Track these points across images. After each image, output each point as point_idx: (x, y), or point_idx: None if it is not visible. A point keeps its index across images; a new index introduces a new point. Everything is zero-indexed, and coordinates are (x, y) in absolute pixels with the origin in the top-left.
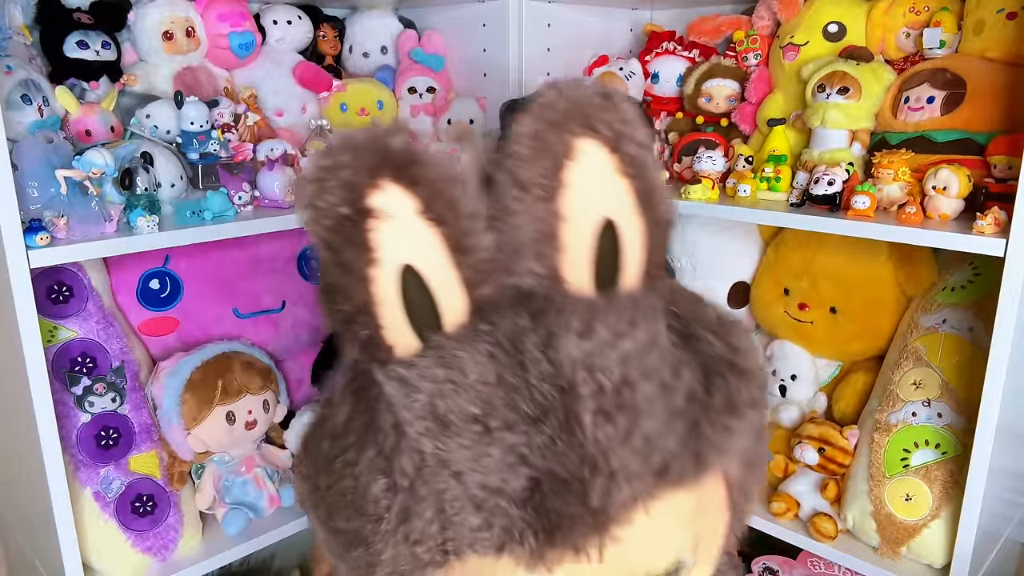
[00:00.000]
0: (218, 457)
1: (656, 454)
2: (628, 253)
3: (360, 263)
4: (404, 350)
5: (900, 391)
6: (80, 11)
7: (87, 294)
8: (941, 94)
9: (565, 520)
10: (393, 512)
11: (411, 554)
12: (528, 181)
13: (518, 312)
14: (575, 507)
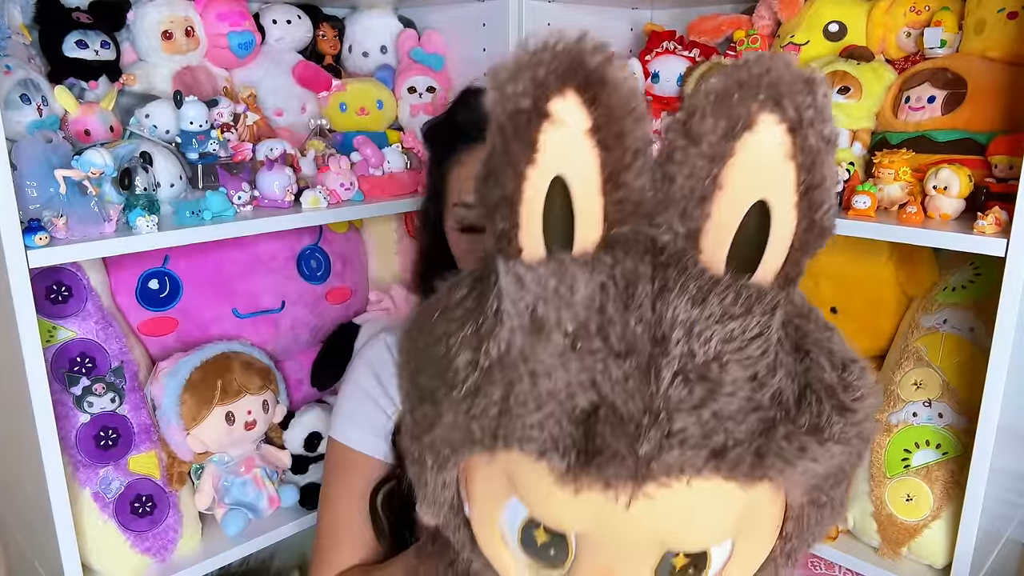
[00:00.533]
0: (217, 457)
1: (719, 435)
2: (773, 244)
3: (522, 159)
4: (529, 255)
5: (901, 391)
6: (79, 11)
7: (86, 294)
8: (942, 94)
9: (608, 453)
10: (466, 385)
11: (466, 427)
12: (699, 135)
13: (643, 259)
14: (622, 446)
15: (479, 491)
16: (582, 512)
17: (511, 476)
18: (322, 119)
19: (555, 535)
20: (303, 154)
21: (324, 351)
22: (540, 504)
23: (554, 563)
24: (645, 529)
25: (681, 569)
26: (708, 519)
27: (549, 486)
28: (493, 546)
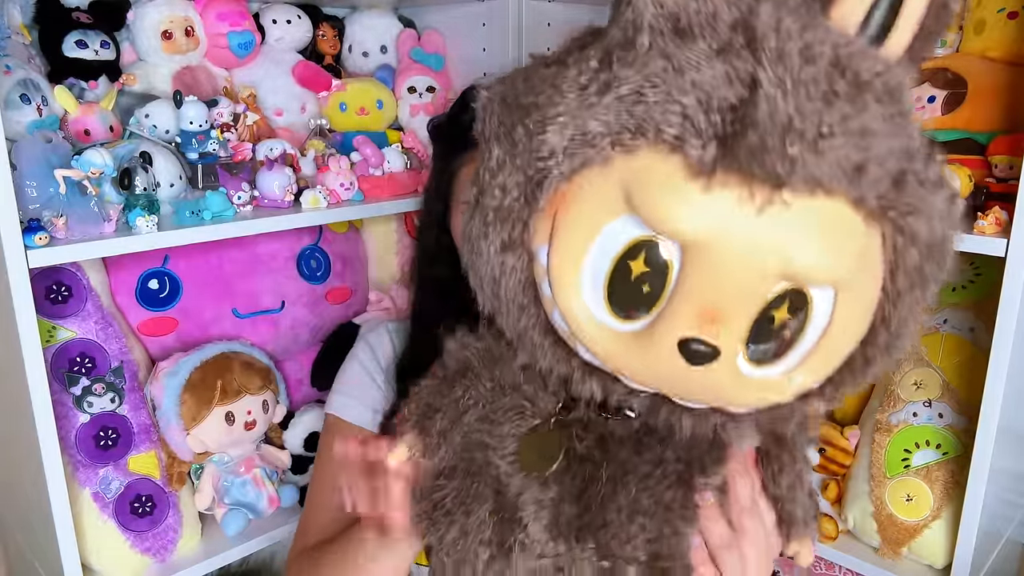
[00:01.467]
0: (217, 457)
1: (864, 151)
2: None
3: None
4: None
5: (901, 391)
6: (79, 10)
7: (86, 294)
8: (942, 94)
9: (753, 146)
10: (591, 84)
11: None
12: None
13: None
14: (769, 142)
15: (575, 215)
16: (711, 213)
17: (628, 183)
18: (322, 119)
19: (655, 265)
20: (303, 154)
21: (324, 351)
22: (665, 206)
23: (641, 304)
24: (770, 243)
25: (778, 328)
26: (831, 244)
27: (679, 182)
28: (569, 292)
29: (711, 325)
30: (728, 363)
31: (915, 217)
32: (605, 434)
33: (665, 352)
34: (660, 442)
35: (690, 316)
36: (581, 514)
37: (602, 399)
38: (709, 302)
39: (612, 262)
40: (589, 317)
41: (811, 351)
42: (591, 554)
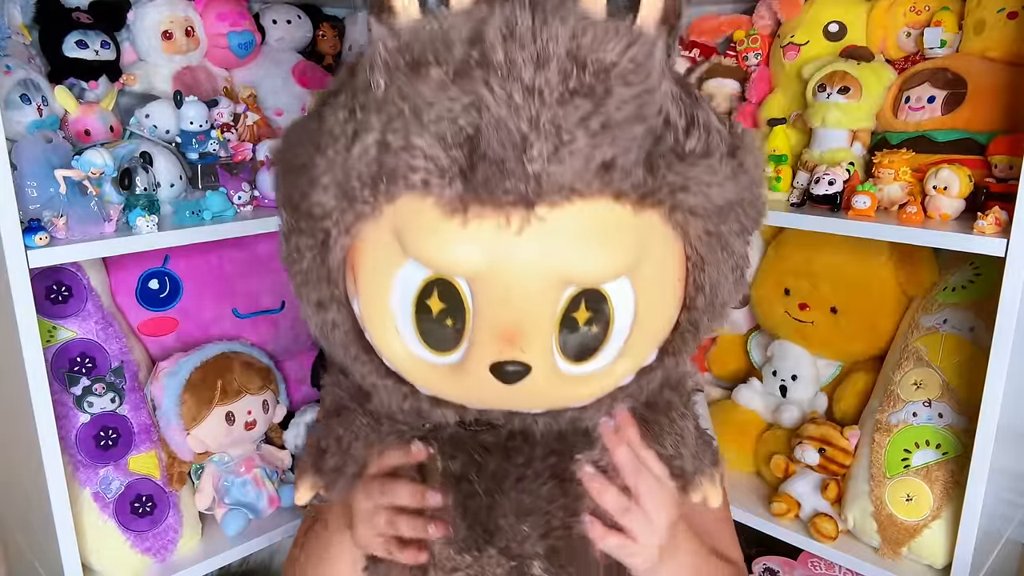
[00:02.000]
0: (217, 457)
1: (608, 146)
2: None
3: None
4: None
5: (901, 391)
6: (79, 11)
7: (86, 294)
8: (942, 94)
9: (495, 170)
10: (343, 138)
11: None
12: None
13: (523, 3)
14: (511, 160)
15: (368, 267)
16: (475, 247)
17: (399, 231)
18: None
19: (451, 300)
20: None
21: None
22: (432, 248)
23: (451, 338)
24: (540, 259)
25: (584, 325)
26: (602, 243)
27: (439, 222)
28: (386, 338)
29: (513, 345)
30: (545, 372)
31: (684, 193)
32: (473, 450)
33: (483, 379)
34: (527, 443)
35: (492, 342)
36: (472, 527)
37: (459, 420)
38: (506, 324)
39: (412, 305)
40: (412, 357)
41: (629, 336)
42: (498, 558)
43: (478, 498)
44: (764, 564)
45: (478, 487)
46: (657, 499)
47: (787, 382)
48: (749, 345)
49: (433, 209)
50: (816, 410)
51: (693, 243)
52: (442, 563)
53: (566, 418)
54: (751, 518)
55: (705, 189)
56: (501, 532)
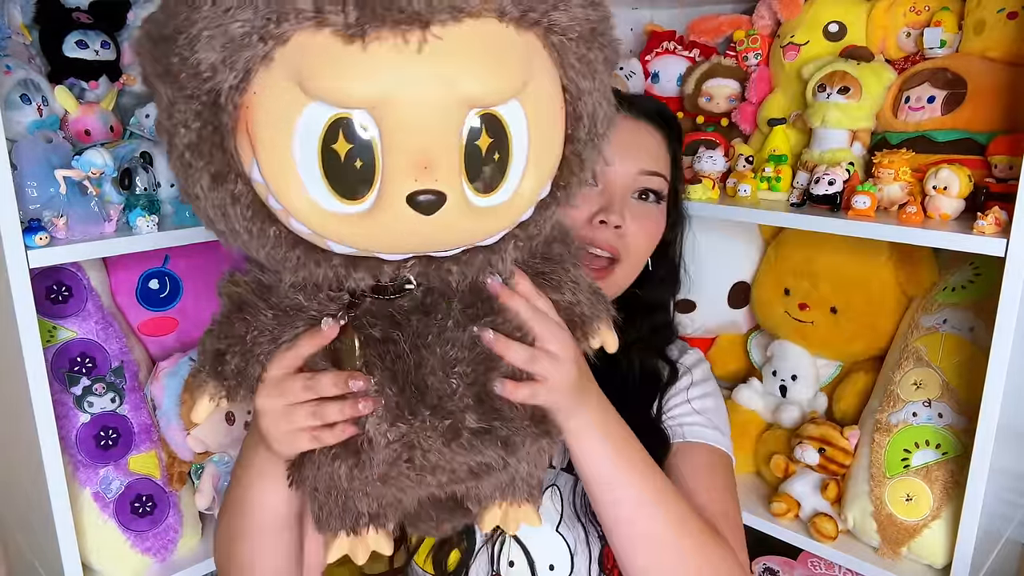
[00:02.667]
0: (218, 457)
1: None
2: None
3: None
4: None
5: (901, 391)
6: (79, 11)
7: (86, 294)
8: (942, 94)
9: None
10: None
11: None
12: None
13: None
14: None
15: (266, 120)
16: (379, 71)
17: (296, 71)
18: None
19: (357, 141)
20: None
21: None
22: (335, 78)
23: (362, 180)
24: (441, 80)
25: (487, 153)
26: (495, 62)
27: (338, 52)
28: (291, 195)
29: (426, 172)
30: (458, 201)
31: (557, 12)
32: (393, 312)
33: (400, 214)
34: (444, 298)
35: (406, 172)
36: (403, 390)
37: (376, 283)
38: (416, 153)
39: (318, 151)
40: (322, 212)
41: (526, 163)
42: (431, 421)
43: (404, 358)
44: (764, 564)
45: (404, 346)
46: (559, 339)
47: (787, 382)
48: (749, 345)
49: (330, 39)
50: (816, 410)
51: (568, 70)
52: (377, 441)
53: (476, 265)
54: (751, 518)
55: (572, 10)
56: (431, 390)
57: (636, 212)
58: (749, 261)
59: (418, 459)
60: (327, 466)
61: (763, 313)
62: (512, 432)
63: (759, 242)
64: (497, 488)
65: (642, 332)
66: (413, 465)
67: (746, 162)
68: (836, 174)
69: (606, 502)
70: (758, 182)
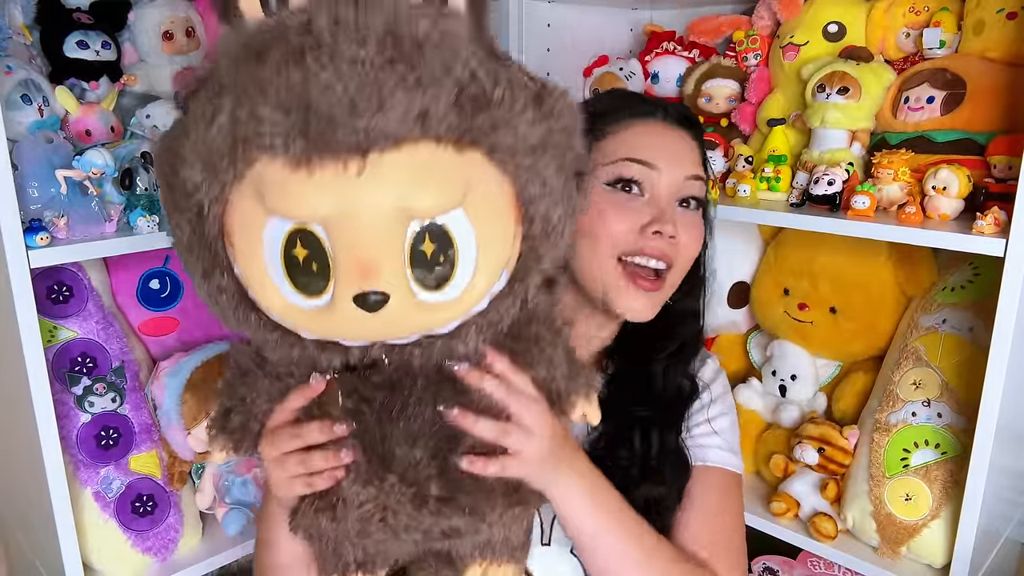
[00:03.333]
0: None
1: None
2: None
3: None
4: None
5: (900, 391)
6: (80, 11)
7: (87, 294)
8: (941, 94)
9: (329, 128)
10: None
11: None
12: None
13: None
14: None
15: (239, 229)
16: (322, 194)
17: (259, 191)
18: None
19: (312, 246)
20: None
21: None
22: (286, 200)
23: (321, 280)
24: (380, 197)
25: (432, 256)
26: (430, 179)
27: (290, 177)
28: (264, 292)
29: (369, 276)
30: (403, 299)
31: (497, 132)
32: (360, 387)
33: (350, 311)
34: (409, 376)
35: (351, 276)
36: (370, 460)
37: (345, 362)
38: (361, 259)
39: (281, 256)
40: (288, 306)
41: (476, 262)
42: (398, 486)
43: (372, 430)
44: (763, 563)
45: (370, 419)
46: (533, 413)
47: (786, 382)
48: (748, 345)
49: (283, 167)
50: (815, 410)
51: (515, 180)
52: (351, 499)
53: (437, 350)
54: (751, 518)
55: (514, 130)
56: (397, 459)
57: (683, 221)
58: (749, 261)
59: (390, 519)
60: (311, 517)
61: (763, 313)
62: (477, 501)
63: (759, 242)
64: (476, 548)
65: (672, 346)
66: (386, 524)
67: (746, 162)
68: (835, 174)
69: (594, 560)
70: (758, 182)
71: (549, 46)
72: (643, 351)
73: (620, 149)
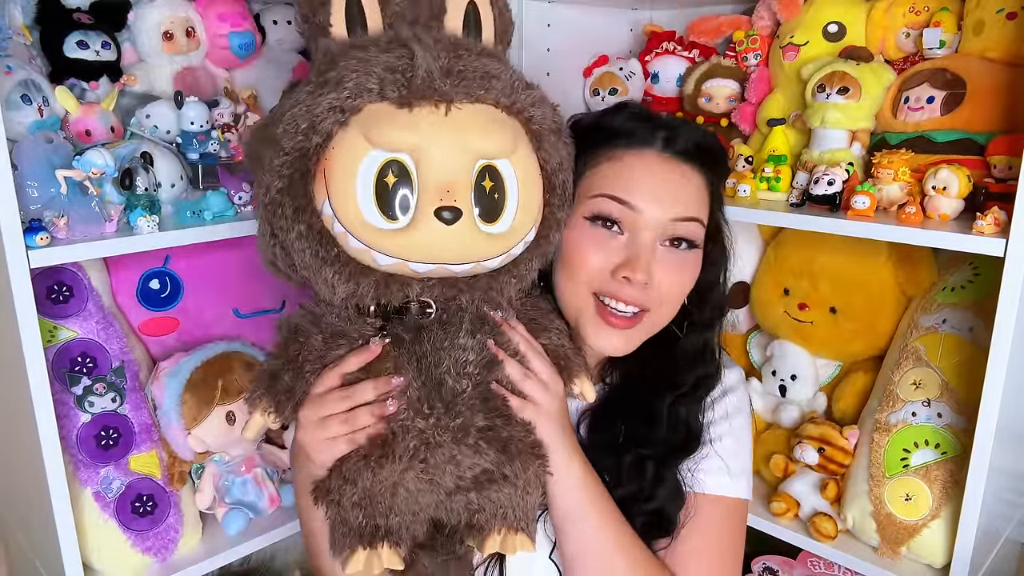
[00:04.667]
0: (218, 457)
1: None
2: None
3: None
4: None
5: (900, 391)
6: (80, 11)
7: (87, 294)
8: (941, 94)
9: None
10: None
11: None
12: None
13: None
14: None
15: (339, 163)
16: (418, 127)
17: (364, 129)
18: None
19: (401, 173)
20: None
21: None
22: (391, 131)
23: (402, 204)
24: (459, 136)
25: (490, 192)
26: (496, 130)
27: (393, 115)
28: (350, 215)
29: (449, 195)
30: (468, 220)
31: (532, 108)
32: (418, 324)
33: (429, 224)
34: (458, 316)
35: (435, 194)
36: (425, 383)
37: (405, 302)
38: (442, 183)
39: (373, 183)
40: (373, 229)
41: (517, 205)
42: (444, 420)
43: (428, 356)
44: (763, 563)
45: (427, 346)
46: (548, 372)
47: (786, 382)
48: (748, 345)
49: (389, 108)
50: (815, 410)
51: (543, 152)
52: (402, 434)
53: (480, 288)
54: (751, 518)
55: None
56: (447, 387)
57: (666, 262)
58: (748, 261)
59: (431, 458)
60: (354, 469)
61: (762, 313)
62: (511, 435)
63: (759, 242)
64: (496, 514)
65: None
66: (427, 465)
67: (746, 162)
68: (835, 174)
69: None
70: (757, 182)
71: (549, 46)
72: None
73: (604, 183)
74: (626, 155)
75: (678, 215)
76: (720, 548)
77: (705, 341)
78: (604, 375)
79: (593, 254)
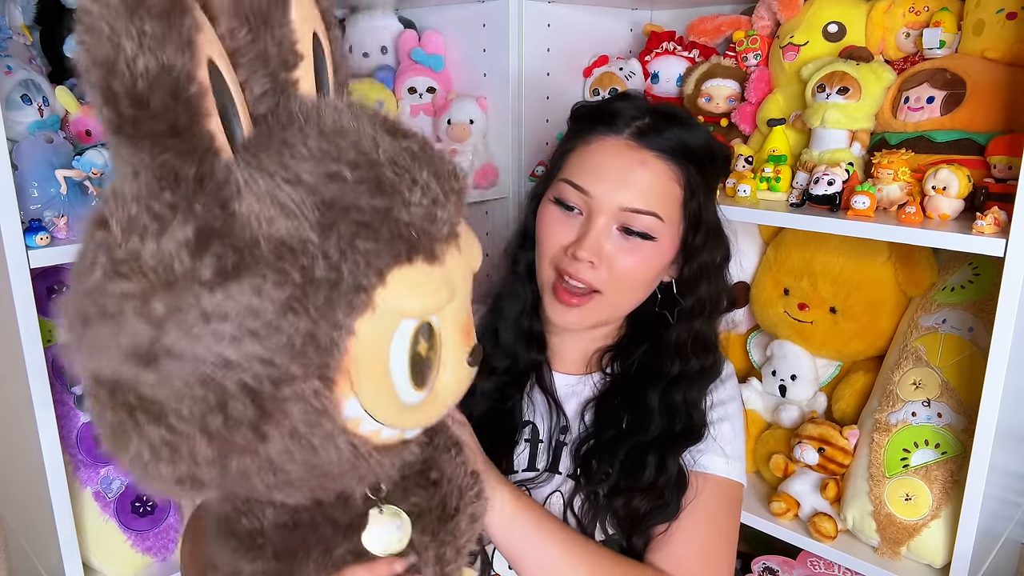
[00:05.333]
0: None
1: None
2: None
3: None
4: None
5: (900, 391)
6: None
7: None
8: (941, 94)
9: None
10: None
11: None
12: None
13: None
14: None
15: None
16: (452, 276)
17: (395, 300)
18: None
19: (431, 337)
20: None
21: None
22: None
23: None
24: (466, 263)
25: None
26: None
27: (427, 274)
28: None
29: (471, 336)
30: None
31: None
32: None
33: (462, 371)
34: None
35: (462, 341)
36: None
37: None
38: (462, 328)
39: (407, 352)
40: (401, 407)
41: None
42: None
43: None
44: (763, 563)
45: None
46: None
47: (786, 382)
48: (748, 345)
49: (418, 268)
50: (815, 410)
51: None
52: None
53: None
54: (751, 517)
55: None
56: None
57: (619, 245)
58: (748, 261)
59: None
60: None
61: (762, 313)
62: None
63: (758, 242)
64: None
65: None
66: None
67: (745, 162)
68: (835, 174)
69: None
70: (757, 182)
71: (549, 46)
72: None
73: (569, 167)
74: (595, 140)
75: (629, 205)
76: (716, 527)
77: (693, 332)
78: (605, 365)
79: (553, 233)
